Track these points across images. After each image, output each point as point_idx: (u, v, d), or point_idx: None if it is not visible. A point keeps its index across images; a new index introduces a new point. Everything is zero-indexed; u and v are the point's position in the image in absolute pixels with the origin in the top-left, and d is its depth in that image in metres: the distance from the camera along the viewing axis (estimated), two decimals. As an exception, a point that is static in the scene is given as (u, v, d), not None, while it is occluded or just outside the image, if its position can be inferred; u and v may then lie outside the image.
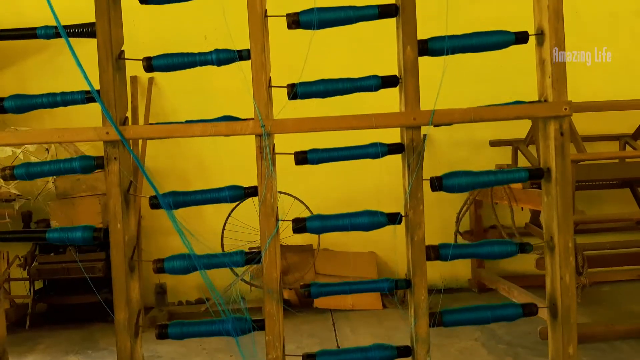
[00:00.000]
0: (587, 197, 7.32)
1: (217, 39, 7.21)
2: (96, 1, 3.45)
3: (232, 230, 6.81)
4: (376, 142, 3.51)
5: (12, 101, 3.53)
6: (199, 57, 3.52)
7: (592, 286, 6.03)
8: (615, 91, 7.63)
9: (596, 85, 7.53)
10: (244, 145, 4.52)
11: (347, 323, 6.51)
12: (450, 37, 3.48)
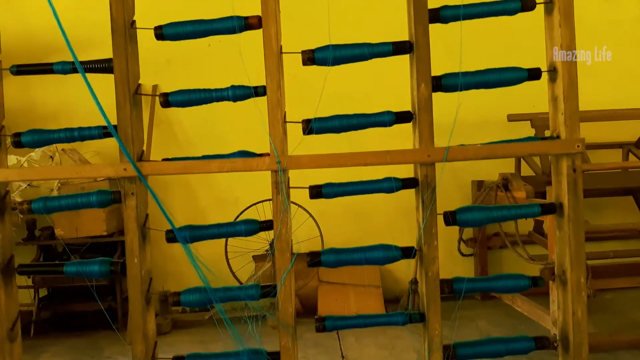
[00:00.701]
0: (590, 204, 7.40)
1: (221, 47, 7.27)
2: (114, 39, 3.52)
3: (236, 239, 6.85)
4: (390, 177, 3.59)
5: (29, 136, 3.62)
6: (216, 94, 3.61)
7: (595, 296, 6.12)
8: (618, 99, 7.67)
9: (599, 93, 7.59)
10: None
11: (352, 332, 6.58)
12: (465, 73, 3.56)
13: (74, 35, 7.23)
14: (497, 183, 6.79)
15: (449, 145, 3.46)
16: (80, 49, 7.32)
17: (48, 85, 7.42)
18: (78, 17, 7.46)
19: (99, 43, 7.21)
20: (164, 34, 3.57)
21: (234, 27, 3.54)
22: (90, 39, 7.41)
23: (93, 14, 7.42)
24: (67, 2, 7.50)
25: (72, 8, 7.48)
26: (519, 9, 3.60)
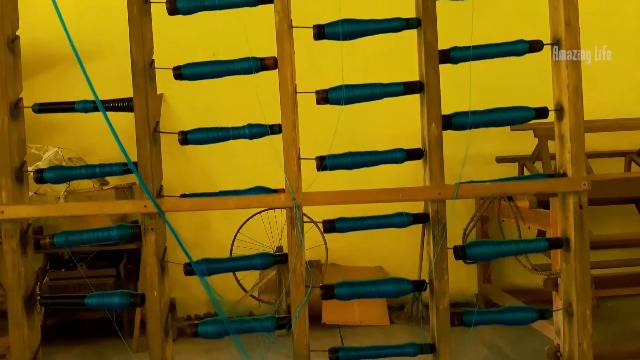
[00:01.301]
0: (593, 212, 7.54)
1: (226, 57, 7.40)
2: (134, 79, 3.69)
3: (240, 246, 7.02)
4: (402, 212, 3.76)
5: (51, 172, 3.77)
6: (232, 132, 3.76)
7: (598, 307, 6.25)
8: (621, 108, 7.82)
9: (601, 102, 7.72)
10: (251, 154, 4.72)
11: (355, 339, 6.74)
12: (474, 112, 3.71)
13: (81, 42, 7.37)
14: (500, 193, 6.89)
15: (459, 182, 3.60)
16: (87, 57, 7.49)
17: (55, 94, 7.53)
18: (84, 24, 7.59)
19: (105, 50, 7.41)
20: (182, 74, 3.72)
21: (251, 68, 3.70)
22: (97, 46, 7.59)
23: (99, 20, 7.60)
24: (73, 9, 7.59)
25: (78, 16, 7.59)
26: (526, 50, 3.76)
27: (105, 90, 7.59)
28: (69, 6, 7.10)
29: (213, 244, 7.48)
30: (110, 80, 7.35)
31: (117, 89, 7.49)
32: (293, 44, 3.65)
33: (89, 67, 7.48)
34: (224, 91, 7.14)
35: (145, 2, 3.71)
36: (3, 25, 3.67)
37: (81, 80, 7.45)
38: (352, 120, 6.09)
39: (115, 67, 7.41)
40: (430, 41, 3.66)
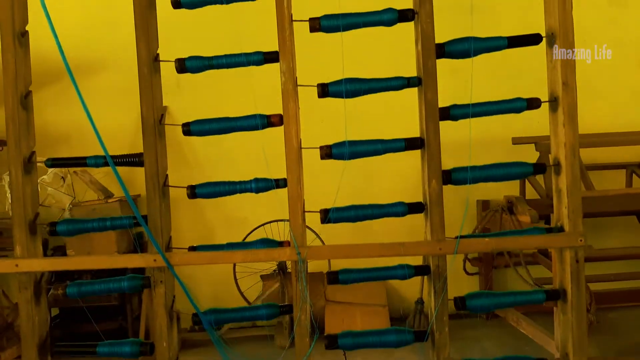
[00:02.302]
0: (593, 224, 7.74)
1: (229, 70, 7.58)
2: (144, 136, 3.86)
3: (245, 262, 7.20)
4: (404, 264, 3.96)
5: (64, 225, 3.96)
6: (240, 186, 3.95)
7: (599, 322, 6.44)
8: (622, 121, 7.99)
9: (602, 114, 7.91)
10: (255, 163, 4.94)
11: (359, 352, 6.92)
12: (472, 168, 3.90)
13: (83, 56, 7.64)
14: (502, 206, 7.09)
15: (459, 237, 3.79)
16: (92, 70, 7.72)
17: (60, 106, 7.71)
18: (89, 37, 7.77)
19: (110, 63, 7.59)
20: (191, 130, 3.91)
21: (257, 125, 3.88)
22: (102, 59, 7.75)
23: (104, 34, 7.75)
24: (78, 22, 7.76)
25: (83, 29, 7.76)
26: (524, 107, 3.93)
27: (110, 103, 7.85)
28: (74, 19, 7.34)
29: None
30: (115, 92, 7.59)
31: (121, 102, 7.74)
32: (298, 103, 3.81)
33: (94, 80, 7.77)
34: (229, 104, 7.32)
35: (155, 60, 3.85)
36: (16, 82, 3.81)
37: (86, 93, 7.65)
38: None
39: (120, 79, 7.64)
40: (430, 99, 3.83)
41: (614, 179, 7.99)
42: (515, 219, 7.05)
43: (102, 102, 7.86)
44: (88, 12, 7.86)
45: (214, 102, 7.69)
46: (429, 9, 3.84)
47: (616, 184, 7.91)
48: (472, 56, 3.86)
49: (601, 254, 7.22)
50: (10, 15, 3.82)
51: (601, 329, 6.89)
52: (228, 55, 3.89)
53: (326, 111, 5.86)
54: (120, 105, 7.94)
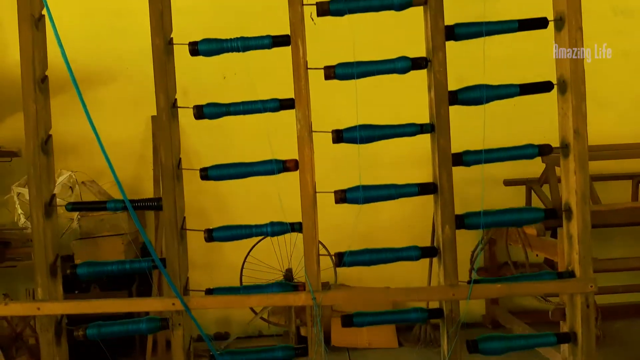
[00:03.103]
0: (597, 234, 7.82)
1: (235, 79, 7.73)
2: (163, 180, 4.00)
3: (250, 268, 7.34)
4: (418, 307, 4.10)
5: (84, 268, 4.11)
6: (255, 230, 4.10)
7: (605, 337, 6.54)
8: (629, 131, 8.06)
9: (609, 124, 8.02)
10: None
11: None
12: (486, 212, 4.04)
13: (92, 66, 7.75)
14: (506, 218, 7.20)
15: (472, 284, 3.93)
16: (101, 80, 7.84)
17: (68, 117, 7.81)
18: (97, 48, 7.87)
19: (118, 74, 7.71)
20: (208, 175, 4.04)
21: (273, 170, 4.01)
22: (110, 70, 7.86)
23: (112, 44, 7.86)
24: (86, 33, 7.86)
25: (91, 39, 7.86)
26: (536, 153, 4.08)
27: (119, 113, 7.97)
28: (82, 30, 7.46)
29: (224, 265, 7.80)
30: (124, 103, 7.71)
31: (130, 112, 7.86)
32: (313, 149, 3.93)
33: (103, 91, 7.90)
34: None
35: (173, 107, 3.98)
36: (37, 127, 3.94)
37: (95, 104, 7.79)
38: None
39: (129, 90, 7.75)
40: (443, 146, 3.97)
41: (620, 189, 8.10)
42: (521, 231, 7.18)
43: (112, 113, 8.01)
44: (98, 23, 7.96)
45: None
46: (442, 58, 3.95)
47: (622, 194, 8.02)
48: (485, 103, 3.97)
49: (609, 267, 7.31)
50: (31, 63, 3.95)
51: (607, 340, 7.01)
52: (245, 102, 4.02)
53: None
54: (129, 116, 8.07)
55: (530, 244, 7.03)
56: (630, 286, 7.67)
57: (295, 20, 3.97)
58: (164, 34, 4.01)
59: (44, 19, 4.05)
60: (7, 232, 7.59)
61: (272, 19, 4.75)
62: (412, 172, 4.50)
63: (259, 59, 4.73)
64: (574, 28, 3.97)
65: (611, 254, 7.91)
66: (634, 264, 7.37)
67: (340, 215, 5.35)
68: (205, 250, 7.88)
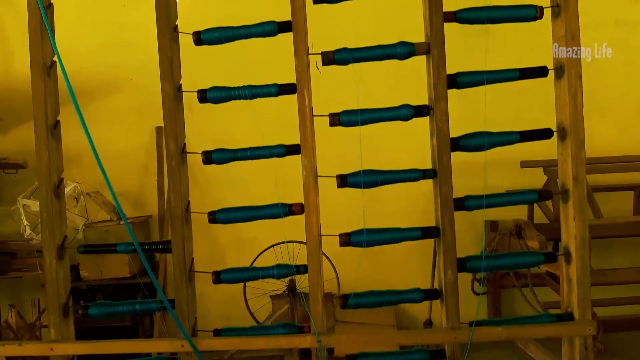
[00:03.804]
0: (599, 245, 8.00)
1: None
2: (173, 225, 4.16)
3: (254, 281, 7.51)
4: (420, 348, 4.28)
5: (95, 309, 4.29)
6: (262, 272, 4.28)
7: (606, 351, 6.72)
8: (631, 140, 8.21)
9: (611, 132, 8.17)
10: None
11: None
12: (487, 256, 4.21)
13: (98, 78, 7.92)
14: (510, 230, 7.40)
15: (474, 325, 4.11)
16: (106, 92, 8.01)
17: (72, 127, 7.96)
18: (102, 59, 8.04)
19: (123, 84, 7.89)
20: (216, 218, 4.22)
21: (279, 213, 4.19)
22: (115, 81, 8.03)
23: (116, 55, 8.04)
24: (91, 44, 8.01)
25: (95, 51, 8.02)
26: (537, 199, 4.24)
27: (124, 124, 8.14)
28: (89, 42, 7.64)
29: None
30: (129, 114, 7.88)
31: (135, 123, 8.02)
32: (318, 194, 4.10)
33: (108, 102, 8.08)
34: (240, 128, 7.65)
35: (182, 152, 4.14)
36: (49, 172, 4.10)
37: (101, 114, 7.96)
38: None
39: (133, 100, 7.93)
40: (445, 192, 4.13)
41: (621, 200, 8.28)
42: (523, 243, 7.34)
43: (117, 123, 8.18)
44: (104, 36, 8.14)
45: (223, 127, 7.97)
46: (444, 107, 4.10)
47: (624, 204, 8.15)
48: (486, 149, 4.12)
49: (611, 280, 7.48)
50: (44, 110, 4.10)
51: (609, 352, 7.11)
52: (252, 148, 4.17)
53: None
54: (134, 126, 8.24)
55: (532, 255, 7.14)
56: (631, 298, 7.81)
57: (301, 69, 4.10)
58: (174, 81, 4.14)
59: (55, 65, 4.12)
60: (13, 243, 7.76)
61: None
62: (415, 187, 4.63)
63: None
64: (574, 77, 4.05)
65: (611, 263, 8.04)
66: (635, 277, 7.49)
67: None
68: (209, 260, 8.07)
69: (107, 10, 7.70)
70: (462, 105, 5.49)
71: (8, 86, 7.84)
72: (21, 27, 7.76)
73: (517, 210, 8.01)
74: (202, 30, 4.16)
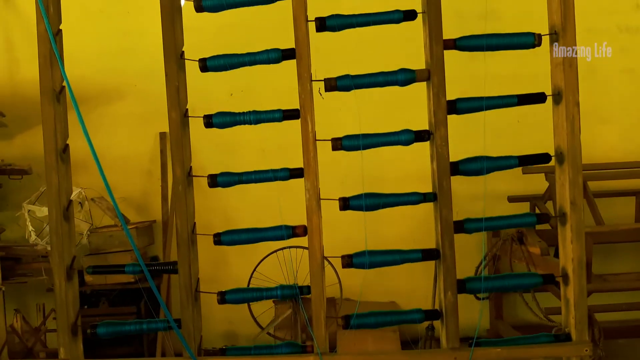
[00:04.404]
0: (600, 250, 8.15)
1: (242, 96, 8.05)
2: (179, 248, 4.32)
3: (257, 285, 7.65)
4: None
5: (104, 328, 4.46)
6: (266, 293, 4.44)
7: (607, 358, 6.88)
8: (633, 147, 8.35)
9: (613, 141, 8.32)
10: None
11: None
12: (487, 278, 4.39)
13: (102, 83, 8.09)
14: (512, 236, 7.55)
15: (474, 345, 4.27)
16: (110, 98, 8.18)
17: (78, 133, 8.12)
18: (105, 66, 8.21)
19: (127, 91, 8.06)
20: (221, 240, 4.39)
21: (283, 235, 4.36)
22: (118, 87, 8.20)
23: (120, 62, 8.20)
24: (94, 51, 8.17)
25: (99, 57, 8.18)
26: (534, 222, 4.41)
27: (128, 129, 8.31)
28: (94, 49, 7.82)
29: (231, 279, 8.04)
30: (133, 119, 8.06)
31: (139, 128, 8.19)
32: (321, 218, 4.26)
33: (113, 108, 8.27)
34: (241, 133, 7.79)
35: (189, 175, 4.30)
36: (59, 196, 4.26)
37: (105, 120, 8.12)
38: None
39: (137, 106, 8.11)
40: (445, 216, 4.29)
41: (623, 205, 8.47)
42: (525, 249, 7.49)
43: (121, 129, 8.35)
44: (109, 43, 8.29)
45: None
46: (444, 133, 4.26)
47: (625, 210, 8.29)
48: (485, 174, 4.28)
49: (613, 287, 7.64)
50: (53, 136, 4.26)
51: (610, 358, 7.24)
52: (256, 172, 4.33)
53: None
54: (138, 132, 8.40)
55: (534, 262, 7.33)
56: (633, 304, 7.96)
57: (305, 96, 4.24)
58: (180, 108, 4.29)
59: (64, 90, 4.27)
60: (18, 248, 7.92)
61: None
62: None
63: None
64: (572, 103, 4.20)
65: (613, 267, 8.19)
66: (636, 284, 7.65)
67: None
68: (212, 265, 8.26)
69: (111, 17, 7.82)
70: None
71: (13, 92, 8.00)
72: (26, 34, 7.97)
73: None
74: (207, 58, 4.30)
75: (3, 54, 7.66)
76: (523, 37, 4.33)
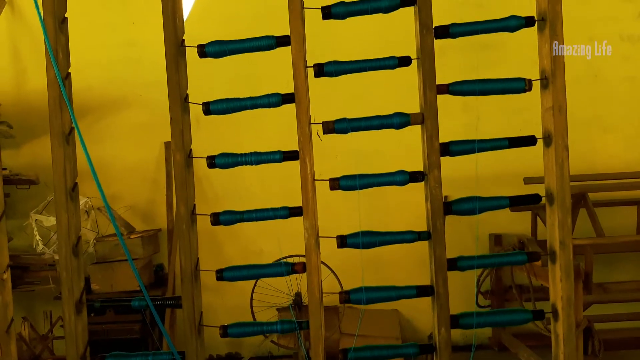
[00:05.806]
0: (601, 259, 8.36)
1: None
2: (183, 285, 4.62)
3: (261, 292, 7.89)
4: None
5: (112, 359, 4.79)
6: (266, 327, 4.76)
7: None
8: (634, 157, 8.62)
9: (614, 150, 8.55)
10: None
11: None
12: (479, 314, 4.68)
13: (108, 93, 8.40)
14: (514, 245, 7.81)
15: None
16: (116, 108, 8.48)
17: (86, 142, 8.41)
18: (111, 76, 8.47)
19: (133, 101, 8.35)
20: (224, 276, 4.71)
21: (282, 272, 4.68)
22: (125, 97, 8.48)
23: (126, 72, 8.48)
24: (101, 61, 8.45)
25: (105, 67, 8.45)
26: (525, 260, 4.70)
27: (133, 138, 8.60)
28: (99, 60, 8.11)
29: (235, 288, 8.21)
30: (138, 129, 8.35)
31: (144, 138, 8.48)
32: (319, 255, 4.56)
33: (118, 118, 8.60)
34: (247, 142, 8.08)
35: (192, 213, 4.61)
36: (69, 234, 4.56)
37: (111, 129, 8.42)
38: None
39: (143, 116, 8.39)
40: (439, 255, 4.53)
41: (624, 214, 8.58)
42: (526, 260, 7.72)
43: (126, 139, 8.63)
44: (114, 54, 8.51)
45: (231, 140, 8.40)
46: (437, 175, 4.54)
47: (626, 218, 8.51)
48: (477, 213, 4.56)
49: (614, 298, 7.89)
50: (63, 176, 4.56)
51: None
52: (258, 210, 4.60)
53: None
54: (143, 141, 8.66)
55: (536, 273, 7.56)
56: (633, 314, 8.21)
57: (304, 139, 4.51)
58: (184, 150, 4.58)
59: (73, 131, 4.56)
60: (25, 256, 8.21)
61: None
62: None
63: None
64: (561, 147, 4.45)
65: (614, 276, 8.50)
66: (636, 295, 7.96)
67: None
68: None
69: (117, 27, 8.08)
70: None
71: (20, 102, 8.24)
72: (33, 45, 8.25)
73: (521, 224, 8.35)
74: (210, 102, 4.59)
75: (10, 64, 7.88)
76: (514, 83, 4.56)
